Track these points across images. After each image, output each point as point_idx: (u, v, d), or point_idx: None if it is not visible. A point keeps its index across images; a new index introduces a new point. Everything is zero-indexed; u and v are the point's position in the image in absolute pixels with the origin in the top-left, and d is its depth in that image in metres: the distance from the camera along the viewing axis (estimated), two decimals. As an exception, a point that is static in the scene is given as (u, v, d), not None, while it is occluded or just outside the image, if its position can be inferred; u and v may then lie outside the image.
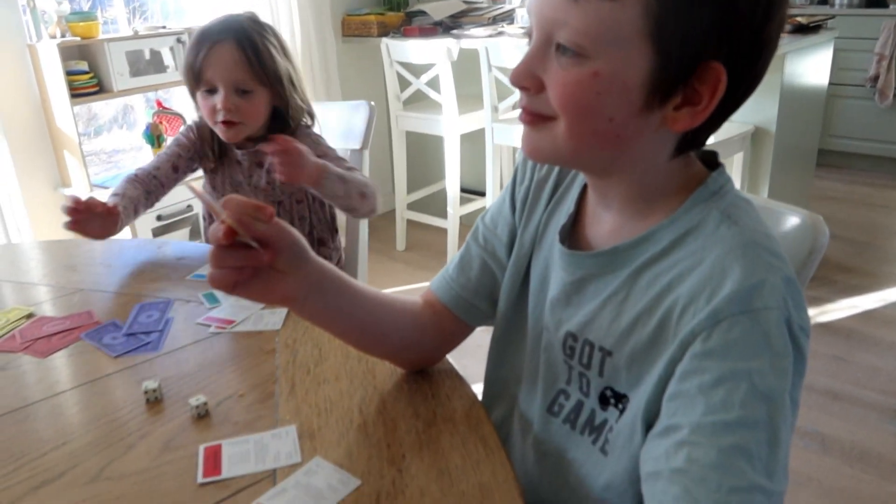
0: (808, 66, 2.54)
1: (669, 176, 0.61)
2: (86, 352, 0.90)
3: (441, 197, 3.05)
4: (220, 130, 1.29)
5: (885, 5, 3.75)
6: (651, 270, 0.60)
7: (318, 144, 1.33)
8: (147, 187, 1.31)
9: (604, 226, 0.66)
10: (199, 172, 1.42)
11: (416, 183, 3.25)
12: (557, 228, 0.70)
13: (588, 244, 0.67)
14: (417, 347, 0.80)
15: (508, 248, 0.77)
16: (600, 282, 0.63)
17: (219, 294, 1.04)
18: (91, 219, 1.12)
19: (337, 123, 1.50)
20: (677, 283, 0.57)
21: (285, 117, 1.33)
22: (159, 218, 2.37)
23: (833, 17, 2.89)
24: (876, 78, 3.69)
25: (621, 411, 0.62)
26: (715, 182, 0.60)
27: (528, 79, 0.58)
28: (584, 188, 0.70)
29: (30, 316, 1.00)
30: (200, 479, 0.65)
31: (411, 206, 3.15)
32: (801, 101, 2.58)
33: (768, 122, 2.40)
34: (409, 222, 3.17)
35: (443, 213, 2.98)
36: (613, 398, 0.62)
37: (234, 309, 0.99)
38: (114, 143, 2.77)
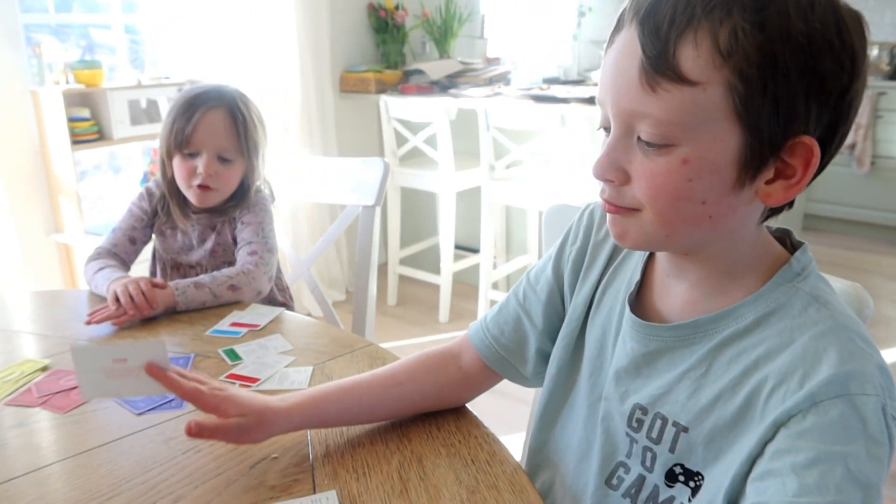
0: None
1: (753, 251, 0.61)
2: (108, 408, 0.87)
3: (434, 253, 3.05)
4: (193, 194, 1.31)
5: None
6: (734, 347, 0.59)
7: (251, 215, 1.32)
8: (117, 260, 1.32)
9: (676, 298, 0.65)
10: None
11: (410, 238, 3.26)
12: (617, 293, 0.69)
13: (658, 315, 0.66)
14: (442, 399, 0.83)
15: (547, 308, 0.77)
16: (675, 355, 0.62)
17: (240, 350, 1.02)
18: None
19: (349, 179, 1.50)
20: (765, 362, 0.56)
21: (248, 187, 1.36)
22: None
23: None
24: (853, 146, 3.83)
25: (693, 490, 0.60)
26: (798, 262, 0.60)
27: (612, 172, 0.57)
28: (651, 256, 0.69)
29: (45, 369, 0.97)
30: (242, 548, 0.63)
31: (404, 262, 3.15)
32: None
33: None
34: (402, 277, 3.16)
35: (435, 269, 2.98)
36: (683, 475, 0.61)
37: (257, 366, 0.97)
38: (100, 190, 2.78)
